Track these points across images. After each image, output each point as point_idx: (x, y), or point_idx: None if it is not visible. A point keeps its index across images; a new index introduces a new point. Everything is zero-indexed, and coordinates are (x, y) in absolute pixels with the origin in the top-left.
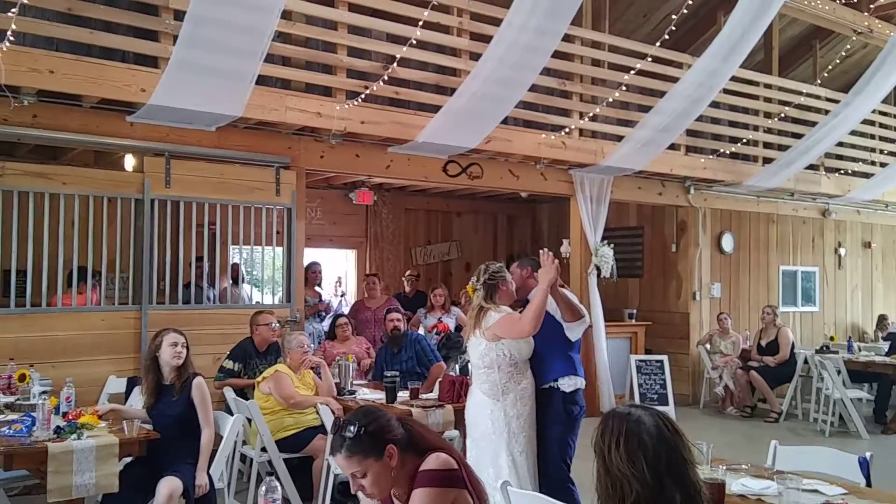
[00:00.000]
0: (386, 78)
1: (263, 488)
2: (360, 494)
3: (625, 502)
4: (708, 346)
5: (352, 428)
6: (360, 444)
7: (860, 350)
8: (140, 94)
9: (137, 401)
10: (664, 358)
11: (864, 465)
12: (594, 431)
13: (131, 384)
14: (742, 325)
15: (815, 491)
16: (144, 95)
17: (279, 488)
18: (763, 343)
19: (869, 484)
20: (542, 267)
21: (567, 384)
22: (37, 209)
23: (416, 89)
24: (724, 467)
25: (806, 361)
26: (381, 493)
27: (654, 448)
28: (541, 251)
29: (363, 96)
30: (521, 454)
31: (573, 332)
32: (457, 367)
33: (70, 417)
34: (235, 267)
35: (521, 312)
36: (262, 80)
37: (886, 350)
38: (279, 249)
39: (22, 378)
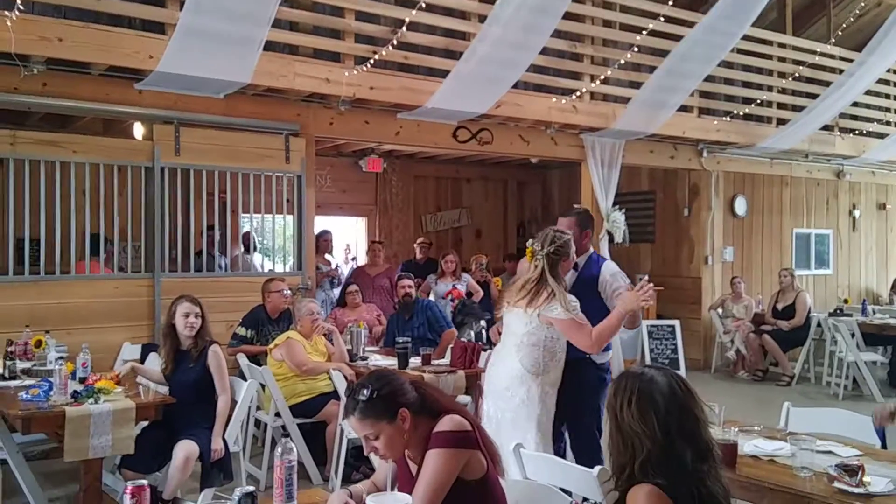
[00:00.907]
0: (395, 42)
1: (279, 449)
2: (373, 456)
3: (636, 460)
4: (720, 310)
5: (365, 391)
6: (373, 407)
7: (874, 313)
8: (148, 60)
9: (152, 367)
10: (676, 323)
11: (880, 428)
12: (608, 391)
13: (146, 351)
14: (754, 289)
15: (830, 452)
16: (153, 62)
17: (294, 449)
18: (779, 306)
19: (884, 446)
20: (630, 296)
21: (600, 357)
22: (48, 177)
23: (425, 54)
24: (737, 429)
25: (819, 325)
26: (395, 454)
27: (666, 407)
28: (641, 278)
29: (372, 62)
30: (548, 429)
31: (626, 333)
32: (472, 333)
33: (89, 382)
34: (247, 235)
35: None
36: (269, 46)
37: None
38: (289, 217)
39: (38, 344)
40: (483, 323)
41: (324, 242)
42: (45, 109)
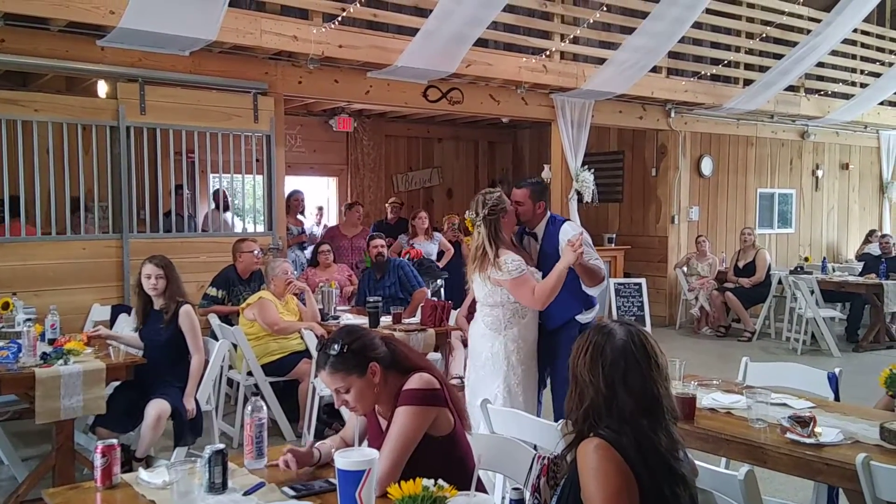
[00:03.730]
0: None
1: (249, 408)
2: (344, 413)
3: (581, 407)
4: (685, 268)
5: (336, 346)
6: (343, 361)
7: (834, 271)
8: (109, 16)
9: (122, 327)
10: (642, 281)
11: (833, 381)
12: None
13: (115, 312)
14: (719, 248)
15: (784, 405)
16: (114, 18)
17: (264, 407)
18: (740, 264)
19: (837, 398)
20: (566, 251)
21: (583, 317)
22: (10, 137)
23: (394, 11)
24: (696, 383)
25: (780, 282)
26: (365, 407)
27: (613, 359)
28: (575, 234)
29: (340, 19)
30: (518, 385)
31: (591, 291)
32: (428, 292)
33: (58, 344)
34: (217, 193)
35: (531, 266)
36: (235, 2)
37: (860, 270)
38: (259, 177)
39: (5, 306)
40: (440, 282)
41: (295, 202)
42: (4, 66)
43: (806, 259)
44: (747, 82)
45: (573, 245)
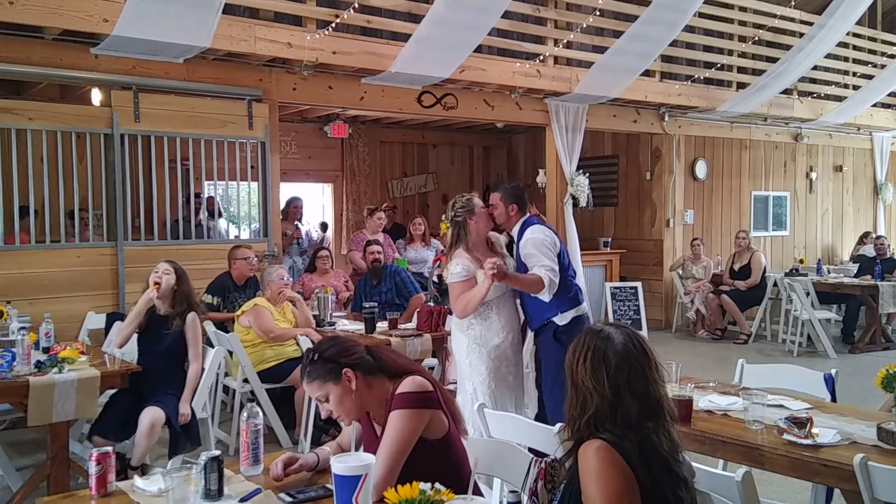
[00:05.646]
0: (357, 5)
1: (245, 414)
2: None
3: (585, 415)
4: (680, 271)
5: (311, 355)
6: (316, 369)
7: (829, 272)
8: (103, 24)
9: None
10: (638, 284)
11: (830, 382)
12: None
13: (110, 320)
14: (714, 251)
15: (780, 406)
16: (108, 26)
17: (260, 414)
18: (736, 267)
19: (834, 399)
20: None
21: (561, 319)
22: (4, 145)
23: (388, 17)
24: (692, 385)
25: (775, 284)
26: (348, 415)
27: (617, 364)
28: (490, 262)
29: (334, 25)
30: (481, 383)
31: (543, 297)
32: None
33: (52, 352)
34: (211, 200)
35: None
36: (229, 10)
37: (855, 272)
38: (254, 184)
39: None
40: None
41: (294, 209)
42: None
43: (801, 261)
44: (741, 85)
45: (487, 271)
